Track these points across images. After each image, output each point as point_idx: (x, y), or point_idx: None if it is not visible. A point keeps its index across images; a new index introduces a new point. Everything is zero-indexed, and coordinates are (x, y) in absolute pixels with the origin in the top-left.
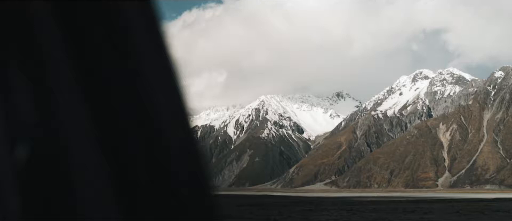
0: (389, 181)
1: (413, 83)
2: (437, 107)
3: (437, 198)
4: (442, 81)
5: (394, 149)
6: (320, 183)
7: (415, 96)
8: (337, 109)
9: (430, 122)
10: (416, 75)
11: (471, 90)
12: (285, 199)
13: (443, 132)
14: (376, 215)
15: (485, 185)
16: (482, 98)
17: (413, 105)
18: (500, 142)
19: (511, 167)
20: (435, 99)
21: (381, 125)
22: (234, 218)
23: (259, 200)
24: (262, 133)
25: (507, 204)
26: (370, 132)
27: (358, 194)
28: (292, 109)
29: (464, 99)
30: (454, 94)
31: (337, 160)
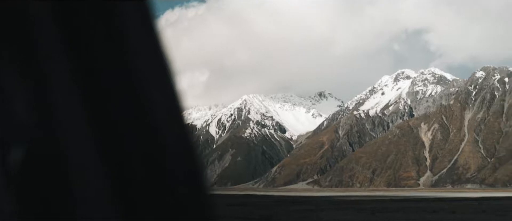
0: (371, 180)
1: (395, 83)
2: (418, 107)
3: (435, 197)
4: (423, 81)
5: (376, 149)
6: (303, 183)
7: (397, 96)
8: (319, 109)
9: (412, 122)
10: (398, 75)
11: (453, 90)
12: (274, 199)
13: (424, 131)
14: (405, 215)
15: (466, 184)
16: (463, 98)
17: (395, 105)
18: (481, 141)
19: (492, 166)
20: (417, 99)
21: (363, 125)
22: (242, 219)
23: (248, 199)
24: (244, 133)
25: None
26: (352, 131)
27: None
28: (275, 109)
29: (446, 99)
30: (436, 94)
31: (319, 159)
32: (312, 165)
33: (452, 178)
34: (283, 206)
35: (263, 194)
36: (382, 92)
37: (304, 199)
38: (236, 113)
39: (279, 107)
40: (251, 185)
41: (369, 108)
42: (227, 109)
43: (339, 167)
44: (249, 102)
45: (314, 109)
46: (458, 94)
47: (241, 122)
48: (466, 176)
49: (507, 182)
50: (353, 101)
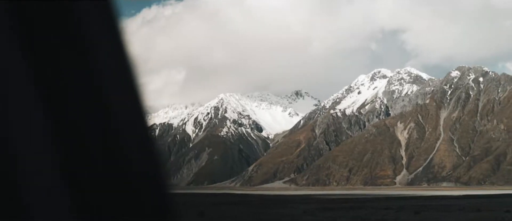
0: (348, 179)
1: (371, 82)
2: (395, 106)
3: (430, 195)
4: (400, 81)
5: (352, 147)
6: (279, 181)
7: (373, 95)
8: (296, 108)
9: (388, 121)
10: (374, 74)
11: (428, 90)
12: (259, 197)
13: (400, 130)
14: (430, 214)
15: (441, 182)
16: (439, 98)
17: (371, 104)
18: (456, 140)
19: (467, 164)
20: (393, 98)
21: (340, 123)
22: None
23: (238, 199)
24: (221, 131)
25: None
26: (329, 130)
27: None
28: (251, 107)
29: (421, 99)
30: (412, 93)
31: (296, 158)
32: (289, 164)
33: (428, 176)
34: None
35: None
36: (359, 91)
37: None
38: (213, 112)
39: (256, 106)
40: (228, 183)
41: (346, 107)
42: (203, 108)
43: (316, 166)
44: (226, 101)
45: (291, 108)
46: (433, 93)
47: (218, 120)
48: (441, 174)
49: (482, 180)
50: (329, 100)
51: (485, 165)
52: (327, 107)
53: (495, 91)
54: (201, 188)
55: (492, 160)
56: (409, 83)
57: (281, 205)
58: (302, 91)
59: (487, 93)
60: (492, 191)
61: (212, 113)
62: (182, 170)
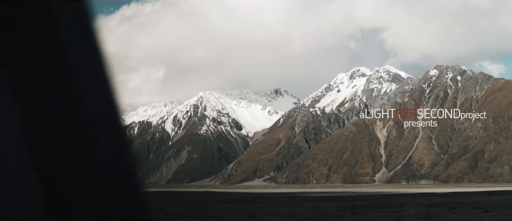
0: (328, 177)
1: (350, 80)
2: (374, 104)
3: (421, 192)
4: (378, 79)
5: (332, 145)
6: (259, 179)
7: (353, 93)
8: (276, 106)
9: (368, 119)
10: (353, 72)
11: (407, 88)
12: (271, 197)
13: (380, 128)
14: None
15: (420, 180)
16: (418, 96)
17: (350, 102)
18: (434, 138)
19: (445, 162)
20: (372, 97)
21: (319, 122)
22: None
23: (252, 198)
24: (201, 129)
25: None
26: (309, 128)
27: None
28: (231, 106)
29: (400, 97)
30: (391, 91)
31: (275, 156)
32: (269, 162)
33: (407, 174)
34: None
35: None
36: (338, 89)
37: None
38: (192, 110)
39: (235, 104)
40: (207, 182)
41: (325, 106)
42: (183, 106)
43: (296, 164)
44: (205, 99)
45: (270, 107)
46: (412, 92)
47: (197, 118)
48: (420, 172)
49: (460, 178)
50: (309, 99)
51: (463, 162)
52: (306, 106)
53: (473, 90)
54: (181, 186)
55: (470, 157)
56: (388, 82)
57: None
58: (281, 89)
59: (465, 91)
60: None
61: (192, 111)
62: (161, 168)
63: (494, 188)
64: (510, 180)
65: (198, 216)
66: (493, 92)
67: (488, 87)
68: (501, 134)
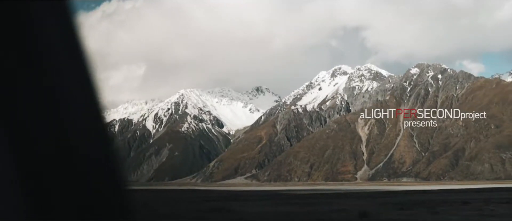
0: (309, 175)
1: (332, 78)
2: (355, 102)
3: (412, 190)
4: (360, 77)
5: (314, 143)
6: (241, 177)
7: (334, 91)
8: (257, 104)
9: (349, 117)
10: (335, 70)
11: (388, 86)
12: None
13: (361, 126)
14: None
15: (402, 177)
16: (399, 94)
17: (332, 100)
18: (415, 136)
19: (426, 160)
20: (354, 95)
21: (301, 119)
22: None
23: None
24: (182, 127)
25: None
26: (290, 126)
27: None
28: (212, 103)
29: (382, 95)
30: (372, 89)
31: (257, 154)
32: (250, 160)
33: (388, 172)
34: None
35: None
36: (320, 87)
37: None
38: (173, 108)
39: (216, 102)
40: (189, 179)
41: (307, 104)
42: (164, 104)
43: (277, 162)
44: (186, 96)
45: (252, 104)
46: (393, 90)
47: (179, 116)
48: (401, 169)
49: (441, 176)
50: (290, 97)
51: (444, 160)
52: (288, 104)
53: (454, 88)
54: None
55: (450, 155)
56: (369, 80)
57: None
58: (262, 87)
59: (446, 90)
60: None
61: (173, 109)
62: (142, 166)
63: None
64: (490, 178)
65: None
66: (474, 91)
67: (469, 85)
68: (482, 132)
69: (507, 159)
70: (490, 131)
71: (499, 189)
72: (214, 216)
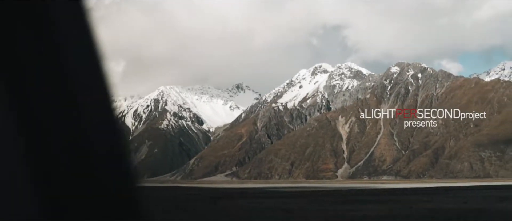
0: (290, 172)
1: (312, 76)
2: (335, 101)
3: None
4: (340, 76)
5: (294, 141)
6: (221, 175)
7: (315, 89)
8: (237, 101)
9: (330, 115)
10: (315, 69)
11: (368, 85)
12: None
13: (342, 124)
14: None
15: (382, 176)
16: (379, 93)
17: (312, 98)
18: (396, 134)
19: (406, 158)
20: (334, 93)
21: (282, 117)
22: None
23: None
24: (161, 124)
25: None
26: (271, 123)
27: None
28: (192, 100)
29: (362, 93)
30: (352, 88)
31: (237, 151)
32: (231, 157)
33: (369, 170)
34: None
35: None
36: (300, 85)
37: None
38: (153, 104)
39: (196, 99)
40: (168, 177)
41: (287, 101)
42: (143, 101)
43: (258, 159)
44: (166, 93)
45: (232, 102)
46: (374, 88)
47: (158, 113)
48: (382, 168)
49: (421, 174)
50: (271, 94)
51: (424, 158)
52: (268, 101)
53: (433, 87)
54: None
55: (430, 153)
56: (350, 78)
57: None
58: (243, 84)
59: (426, 89)
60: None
61: (152, 106)
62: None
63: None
64: (470, 176)
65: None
66: (453, 90)
67: (448, 84)
68: (461, 130)
69: (486, 157)
70: (469, 129)
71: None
72: (287, 216)
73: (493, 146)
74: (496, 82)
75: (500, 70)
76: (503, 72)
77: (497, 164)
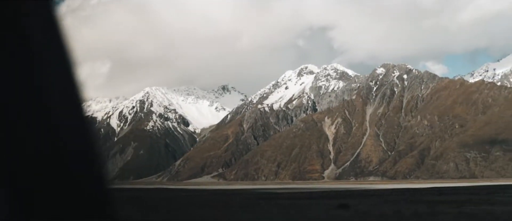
0: (276, 174)
1: (298, 78)
2: (321, 102)
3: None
4: (326, 77)
5: (281, 142)
6: (207, 176)
7: (301, 90)
8: (223, 103)
9: (316, 116)
10: (301, 70)
11: (354, 86)
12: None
13: (328, 125)
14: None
15: (368, 176)
16: (365, 94)
17: (298, 99)
18: (382, 135)
19: (393, 159)
20: (320, 94)
21: (268, 118)
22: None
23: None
24: (147, 125)
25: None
26: (257, 125)
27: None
28: (178, 101)
29: (348, 94)
30: (338, 89)
31: (224, 153)
32: (217, 158)
33: (355, 170)
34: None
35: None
36: (286, 86)
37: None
38: (138, 105)
39: (182, 100)
40: (154, 178)
41: (273, 102)
42: (128, 102)
43: (244, 160)
44: (151, 94)
45: (218, 103)
46: (359, 89)
47: (144, 114)
48: (368, 168)
49: (407, 174)
50: (257, 95)
51: (410, 159)
52: (254, 102)
53: (419, 88)
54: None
55: (416, 154)
56: (336, 80)
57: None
58: (228, 86)
59: (411, 90)
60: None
61: (138, 107)
62: (107, 165)
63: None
64: (455, 176)
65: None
66: (438, 91)
67: (433, 86)
68: (446, 131)
69: (471, 158)
70: (455, 130)
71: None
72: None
73: (478, 147)
74: (480, 83)
75: (484, 72)
76: (486, 74)
77: (483, 165)
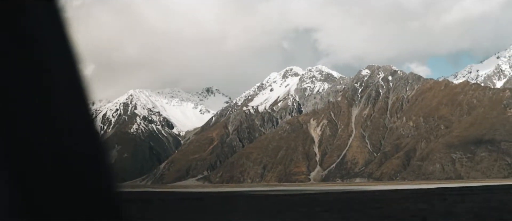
0: (262, 176)
1: (283, 80)
2: (307, 104)
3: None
4: (311, 78)
5: (266, 144)
6: (193, 179)
7: (286, 92)
8: (207, 105)
9: (302, 118)
10: (286, 72)
11: (340, 87)
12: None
13: (314, 127)
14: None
15: (355, 178)
16: (350, 95)
17: (283, 101)
18: (367, 137)
19: (378, 160)
20: (305, 96)
21: (253, 120)
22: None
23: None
24: (131, 128)
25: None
26: (242, 127)
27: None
28: (162, 104)
29: (333, 96)
30: (323, 91)
31: (209, 155)
32: (202, 161)
33: (341, 172)
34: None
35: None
36: (271, 88)
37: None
38: (122, 108)
39: (166, 103)
40: (138, 182)
41: (258, 105)
42: (112, 104)
43: (230, 163)
44: (135, 97)
45: (202, 105)
46: (345, 91)
47: (127, 117)
48: (354, 170)
49: (393, 176)
50: (241, 98)
51: (396, 160)
52: (239, 105)
53: (404, 90)
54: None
55: (402, 155)
56: (321, 81)
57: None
58: (213, 88)
59: (396, 91)
60: None
61: (121, 109)
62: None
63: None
64: (441, 177)
65: None
66: (423, 92)
67: (418, 87)
68: (432, 132)
69: (457, 159)
70: (440, 131)
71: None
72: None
73: (464, 147)
74: (465, 84)
75: (467, 73)
76: (469, 75)
77: (468, 165)
